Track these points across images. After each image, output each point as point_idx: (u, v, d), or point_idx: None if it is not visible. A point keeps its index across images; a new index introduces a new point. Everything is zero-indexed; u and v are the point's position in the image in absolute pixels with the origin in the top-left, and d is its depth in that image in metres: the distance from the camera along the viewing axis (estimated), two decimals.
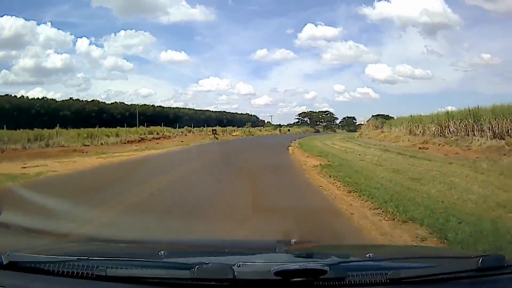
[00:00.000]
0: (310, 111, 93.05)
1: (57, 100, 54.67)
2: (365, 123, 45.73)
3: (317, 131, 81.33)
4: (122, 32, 65.85)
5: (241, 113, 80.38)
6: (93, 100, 57.66)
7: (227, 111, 77.02)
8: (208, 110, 72.96)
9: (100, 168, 13.32)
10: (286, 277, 1.34)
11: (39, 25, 59.85)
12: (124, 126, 36.65)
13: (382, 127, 37.74)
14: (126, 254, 1.93)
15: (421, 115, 26.99)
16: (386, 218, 5.45)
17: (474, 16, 76.52)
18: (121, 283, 1.41)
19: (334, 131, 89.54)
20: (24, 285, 1.42)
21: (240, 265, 1.39)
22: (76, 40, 66.06)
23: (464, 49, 78.25)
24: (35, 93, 66.91)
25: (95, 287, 1.42)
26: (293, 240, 2.29)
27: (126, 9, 71.63)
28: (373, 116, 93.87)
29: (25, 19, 54.50)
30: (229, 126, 62.28)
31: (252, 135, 55.80)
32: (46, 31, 56.13)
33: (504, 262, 1.47)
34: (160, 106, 65.51)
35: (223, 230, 4.85)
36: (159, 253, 1.69)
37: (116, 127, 36.68)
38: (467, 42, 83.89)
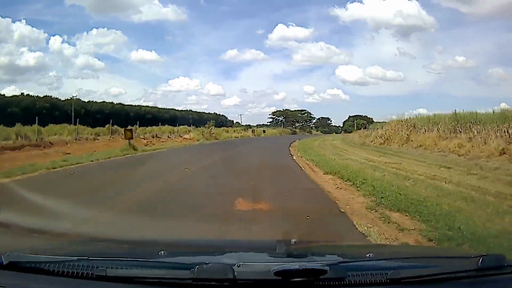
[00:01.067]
0: (285, 109, 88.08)
1: (6, 95, 51.50)
2: (390, 121, 30.30)
3: (294, 133, 77.51)
4: (94, 31, 65.45)
5: (209, 113, 75.28)
6: (45, 96, 54.05)
7: (194, 110, 72.64)
8: (173, 109, 69.10)
9: None
10: (286, 277, 1.35)
11: (14, 22, 58.58)
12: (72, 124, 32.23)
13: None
14: (126, 254, 1.93)
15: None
16: None
17: (449, 18, 75.37)
18: (121, 283, 1.41)
19: (310, 132, 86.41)
20: (24, 285, 1.43)
21: (240, 265, 1.39)
22: (50, 38, 66.06)
23: (438, 51, 78.02)
24: (9, 91, 66.56)
25: (95, 287, 1.42)
26: (293, 240, 2.30)
27: (99, 7, 70.93)
28: (350, 117, 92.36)
29: (1, 17, 53.60)
30: (193, 126, 49.25)
31: (216, 138, 38.33)
32: (20, 28, 55.60)
33: (504, 262, 1.47)
34: (120, 104, 62.08)
35: None
36: (159, 253, 1.69)
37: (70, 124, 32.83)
38: (441, 44, 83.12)
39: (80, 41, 66.31)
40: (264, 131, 65.30)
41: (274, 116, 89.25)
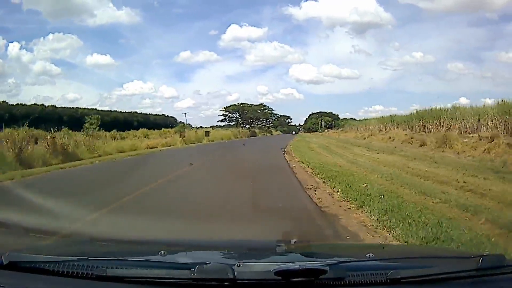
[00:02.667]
0: (241, 103, 75.61)
1: None
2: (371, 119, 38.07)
3: (254, 134, 65.48)
4: (51, 36, 64.50)
5: (157, 114, 71.80)
6: None
7: (139, 111, 69.54)
8: (115, 111, 64.71)
9: None
10: (286, 277, 1.35)
11: None
12: None
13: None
14: (126, 254, 1.93)
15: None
16: None
17: (407, 14, 76.70)
18: (121, 283, 1.41)
19: (271, 133, 79.52)
20: (24, 285, 1.43)
21: (240, 265, 1.39)
22: (8, 45, 64.48)
23: (395, 48, 79.63)
24: None
25: (95, 287, 1.42)
26: (293, 240, 2.30)
27: (55, 12, 70.86)
28: (313, 113, 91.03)
29: None
30: (141, 128, 43.63)
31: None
32: None
33: (504, 262, 1.47)
34: (52, 106, 58.80)
35: None
36: (159, 253, 1.69)
37: None
38: (398, 41, 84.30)
39: (37, 46, 65.57)
40: (207, 134, 41.56)
41: (227, 113, 75.67)
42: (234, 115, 75.82)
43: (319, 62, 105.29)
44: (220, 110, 76.86)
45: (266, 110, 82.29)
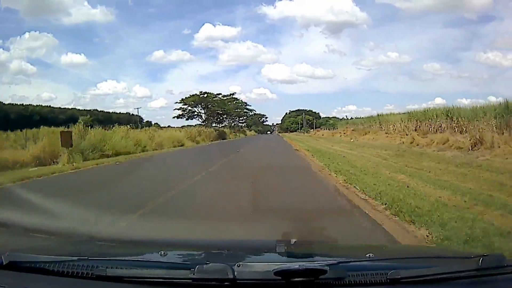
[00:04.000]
0: (204, 92, 53.04)
1: None
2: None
3: (222, 136, 47.70)
4: (27, 34, 62.95)
5: (120, 112, 62.98)
6: None
7: (99, 109, 61.14)
8: (73, 108, 59.15)
9: None
10: (286, 277, 1.35)
11: None
12: None
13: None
14: (126, 254, 1.93)
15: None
16: None
17: (384, 14, 76.67)
18: (121, 283, 1.41)
19: (245, 133, 71.92)
20: (24, 285, 1.43)
21: (240, 265, 1.39)
22: None
23: (369, 48, 79.55)
24: None
25: (95, 287, 1.42)
26: (293, 240, 2.29)
27: (32, 10, 69.19)
28: (291, 111, 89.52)
29: None
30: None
31: None
32: None
33: (504, 262, 1.47)
34: None
35: None
36: (159, 253, 1.69)
37: None
38: (373, 40, 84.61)
39: (13, 45, 63.99)
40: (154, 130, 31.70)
41: (186, 106, 53.33)
42: (196, 109, 54.45)
43: (293, 62, 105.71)
44: (176, 103, 54.30)
45: (239, 105, 64.69)
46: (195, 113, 54.15)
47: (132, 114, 56.76)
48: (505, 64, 67.39)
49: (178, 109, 53.71)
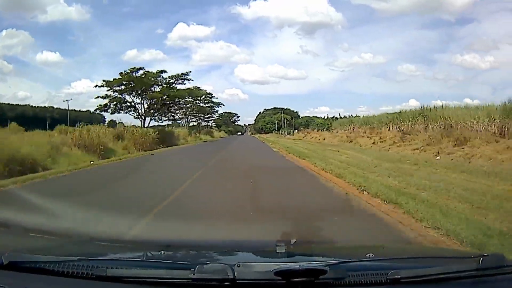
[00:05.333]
0: (139, 68, 32.81)
1: None
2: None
3: (170, 140, 31.45)
4: (4, 32, 60.08)
5: (79, 110, 51.42)
6: None
7: (56, 106, 58.08)
8: (28, 105, 56.19)
9: None
10: (286, 277, 1.35)
11: None
12: None
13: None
14: (126, 254, 1.93)
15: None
16: None
17: (359, 15, 76.52)
18: (121, 283, 1.41)
19: (211, 134, 63.27)
20: (24, 285, 1.42)
21: (240, 265, 1.39)
22: None
23: (343, 49, 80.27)
24: None
25: (95, 287, 1.42)
26: (293, 240, 2.30)
27: (10, 7, 68.39)
28: (266, 110, 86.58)
29: None
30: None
31: None
32: None
33: (505, 262, 1.47)
34: None
35: None
36: (159, 253, 1.69)
37: None
38: (347, 42, 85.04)
39: None
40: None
41: (114, 93, 32.62)
42: (129, 98, 33.52)
43: (266, 62, 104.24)
44: (97, 86, 32.99)
45: (202, 97, 46.46)
46: (127, 103, 33.08)
47: (93, 112, 39.86)
48: (481, 66, 68.14)
49: (102, 98, 32.45)
